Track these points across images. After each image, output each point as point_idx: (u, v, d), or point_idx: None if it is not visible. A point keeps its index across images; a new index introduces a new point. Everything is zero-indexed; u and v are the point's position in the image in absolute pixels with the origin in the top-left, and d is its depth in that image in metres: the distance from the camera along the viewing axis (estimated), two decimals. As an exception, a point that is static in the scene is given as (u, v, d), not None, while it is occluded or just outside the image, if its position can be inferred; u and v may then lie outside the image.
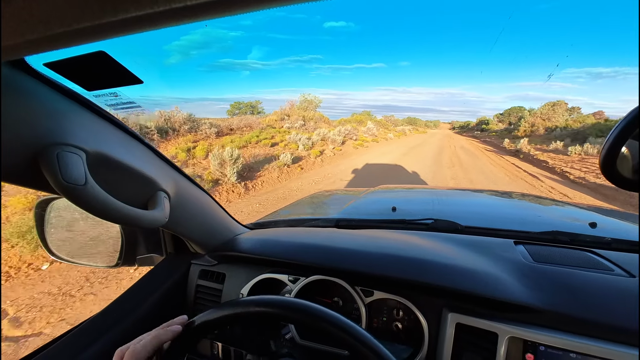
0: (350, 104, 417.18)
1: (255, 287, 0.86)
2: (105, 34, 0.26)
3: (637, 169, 0.42)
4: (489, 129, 50.14)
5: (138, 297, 0.82)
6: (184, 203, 0.75)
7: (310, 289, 0.82)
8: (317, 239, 0.92)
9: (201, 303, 0.93)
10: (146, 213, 0.55)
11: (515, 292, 0.65)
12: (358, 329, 0.45)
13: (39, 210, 0.84)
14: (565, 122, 24.83)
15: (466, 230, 0.97)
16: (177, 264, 0.96)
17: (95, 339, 0.68)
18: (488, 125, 55.77)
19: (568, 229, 0.92)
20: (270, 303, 0.49)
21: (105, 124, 0.51)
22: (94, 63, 0.40)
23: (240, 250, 0.91)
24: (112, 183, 0.52)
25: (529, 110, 29.81)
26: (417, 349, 0.69)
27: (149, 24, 0.24)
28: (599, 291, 0.64)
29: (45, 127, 0.41)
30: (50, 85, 0.42)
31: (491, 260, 0.77)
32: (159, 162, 0.65)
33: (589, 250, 0.83)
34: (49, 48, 0.29)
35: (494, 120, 59.85)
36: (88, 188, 0.43)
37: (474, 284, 0.68)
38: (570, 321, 0.59)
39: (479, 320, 0.63)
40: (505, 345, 0.59)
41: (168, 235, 0.97)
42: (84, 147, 0.44)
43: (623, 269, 0.71)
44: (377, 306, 0.77)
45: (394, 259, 0.78)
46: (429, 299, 0.71)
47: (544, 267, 0.73)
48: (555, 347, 0.56)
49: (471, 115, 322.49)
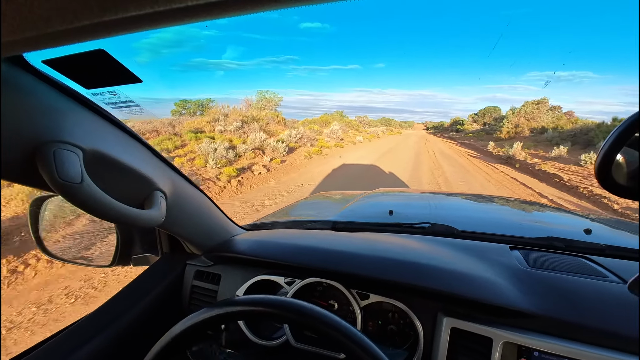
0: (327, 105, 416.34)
1: (250, 289, 0.86)
2: (105, 33, 0.26)
3: (632, 176, 0.42)
4: (465, 130, 47.31)
5: (133, 297, 0.81)
6: (181, 203, 0.74)
7: (306, 291, 0.82)
8: (314, 241, 0.92)
9: (196, 304, 0.92)
10: (142, 212, 0.54)
11: (510, 297, 0.65)
12: (354, 331, 0.45)
13: (34, 207, 0.83)
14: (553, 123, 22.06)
15: (462, 234, 0.98)
16: (172, 265, 0.95)
17: (90, 338, 0.68)
18: (463, 126, 53.29)
19: (563, 235, 0.92)
20: (267, 303, 0.49)
21: (103, 122, 0.51)
22: (93, 61, 0.40)
23: (236, 251, 0.91)
24: (108, 182, 0.51)
25: (512, 109, 27.17)
26: (412, 352, 0.69)
27: (149, 23, 0.24)
28: (593, 297, 0.64)
29: (43, 125, 0.40)
30: (49, 82, 0.42)
31: (487, 264, 0.77)
32: (157, 162, 0.65)
33: (584, 256, 0.83)
34: (49, 45, 0.29)
35: (469, 121, 57.19)
36: (84, 186, 0.42)
37: (470, 288, 0.68)
38: (565, 327, 0.59)
39: (473, 325, 0.63)
40: (499, 350, 0.59)
41: (164, 235, 0.97)
42: (81, 145, 0.44)
43: (617, 275, 0.72)
44: (373, 309, 0.76)
45: (390, 263, 0.78)
46: (424, 303, 0.71)
47: (539, 272, 0.74)
48: (549, 352, 0.57)
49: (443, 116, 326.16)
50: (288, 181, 7.66)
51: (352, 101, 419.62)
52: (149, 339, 0.56)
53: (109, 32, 0.26)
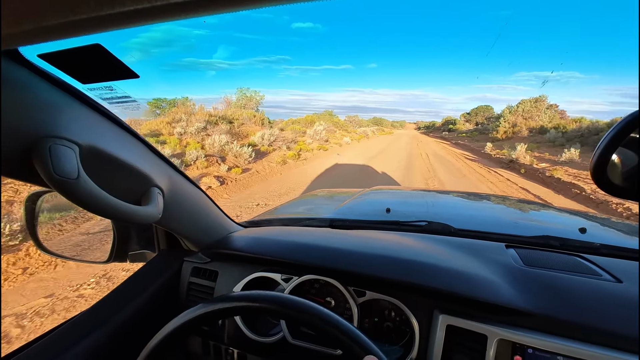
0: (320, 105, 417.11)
1: (248, 286, 0.86)
2: (102, 27, 0.26)
3: (627, 177, 0.43)
4: (457, 129, 45.80)
5: (129, 293, 0.81)
6: (178, 199, 0.74)
7: (303, 288, 0.82)
8: (311, 239, 0.92)
9: (193, 301, 0.92)
10: (139, 209, 0.54)
11: (505, 294, 0.66)
12: (350, 328, 0.45)
13: (30, 203, 0.82)
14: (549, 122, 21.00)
15: (459, 232, 0.98)
16: (169, 261, 0.95)
17: (87, 334, 0.68)
18: (455, 126, 51.84)
19: (558, 234, 0.93)
20: (265, 299, 0.49)
21: (100, 117, 0.50)
22: (89, 56, 0.39)
23: (233, 248, 0.91)
24: (105, 178, 0.51)
25: (509, 107, 25.11)
26: (408, 349, 0.70)
27: (146, 18, 0.24)
28: (587, 295, 0.65)
29: (38, 120, 0.40)
30: (44, 76, 0.42)
31: (483, 263, 0.78)
32: (154, 158, 0.64)
33: (578, 255, 0.84)
34: (45, 39, 0.28)
35: (461, 120, 55.72)
36: (80, 182, 0.42)
37: (466, 286, 0.69)
38: (559, 324, 0.60)
39: (469, 322, 0.64)
40: (494, 347, 0.60)
41: (161, 232, 0.97)
42: (77, 141, 0.44)
43: (611, 274, 0.73)
44: (369, 307, 0.77)
45: (387, 260, 0.78)
46: (420, 300, 0.72)
47: (534, 270, 0.74)
48: (543, 349, 0.57)
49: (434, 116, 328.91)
50: (245, 198, 5.87)
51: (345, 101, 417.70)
52: (146, 336, 0.56)
53: (106, 27, 0.26)
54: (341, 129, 25.47)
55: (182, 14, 0.24)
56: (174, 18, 0.24)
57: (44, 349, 0.64)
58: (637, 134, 0.40)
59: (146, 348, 0.51)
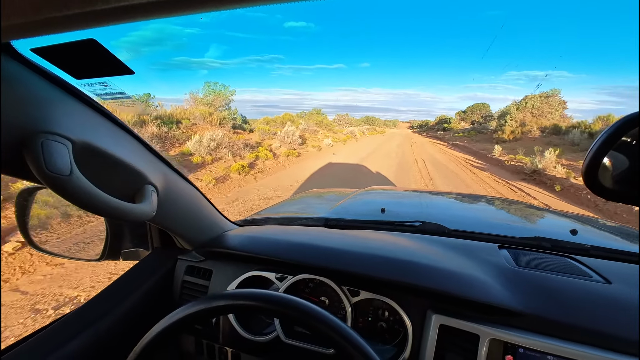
0: (312, 104, 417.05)
1: (242, 285, 0.85)
2: (96, 22, 0.26)
3: (617, 180, 0.43)
4: (452, 129, 43.17)
5: (122, 292, 0.80)
6: (173, 197, 0.73)
7: (297, 287, 0.82)
8: (306, 238, 0.92)
9: (187, 299, 0.91)
10: (133, 206, 0.54)
11: (497, 295, 0.67)
12: (344, 327, 0.45)
13: (21, 199, 0.81)
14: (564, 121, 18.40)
15: (452, 233, 0.99)
16: (163, 259, 0.94)
17: (77, 333, 0.67)
18: (450, 124, 49.21)
19: (550, 235, 0.94)
20: (259, 297, 0.49)
21: (93, 113, 0.50)
22: (83, 50, 0.39)
23: (228, 246, 0.91)
24: (98, 174, 0.50)
25: (515, 103, 22.05)
26: (401, 349, 0.70)
27: (142, 13, 0.24)
28: (577, 296, 0.66)
29: (30, 115, 0.39)
30: (37, 71, 0.41)
31: (475, 263, 0.79)
32: (148, 155, 0.64)
33: (570, 256, 0.85)
34: (38, 33, 0.28)
35: (456, 119, 53.31)
36: (73, 179, 0.42)
37: (458, 286, 0.69)
38: (549, 324, 0.61)
39: (461, 322, 0.64)
40: (486, 347, 0.61)
41: (155, 230, 0.96)
42: (70, 137, 0.43)
43: (600, 275, 0.74)
44: (363, 306, 0.77)
45: (381, 260, 0.78)
46: (414, 300, 0.72)
47: (526, 271, 0.75)
48: (534, 349, 0.58)
49: (427, 115, 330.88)
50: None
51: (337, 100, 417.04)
52: (138, 335, 0.55)
53: (100, 22, 0.25)
54: (326, 129, 23.68)
55: (176, 11, 0.23)
56: (169, 14, 0.24)
57: (31, 350, 0.62)
58: (628, 138, 0.41)
59: (138, 346, 0.50)
